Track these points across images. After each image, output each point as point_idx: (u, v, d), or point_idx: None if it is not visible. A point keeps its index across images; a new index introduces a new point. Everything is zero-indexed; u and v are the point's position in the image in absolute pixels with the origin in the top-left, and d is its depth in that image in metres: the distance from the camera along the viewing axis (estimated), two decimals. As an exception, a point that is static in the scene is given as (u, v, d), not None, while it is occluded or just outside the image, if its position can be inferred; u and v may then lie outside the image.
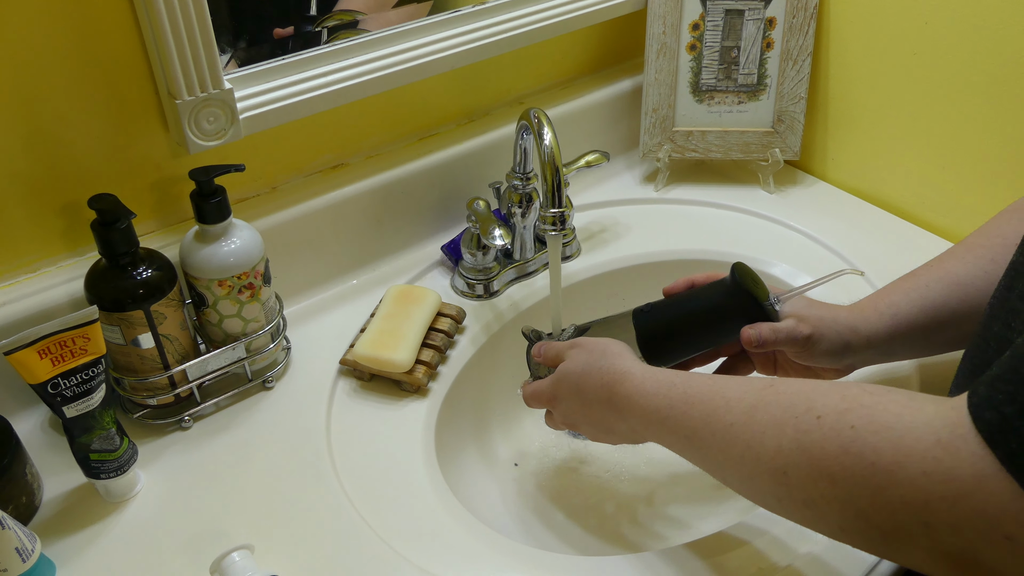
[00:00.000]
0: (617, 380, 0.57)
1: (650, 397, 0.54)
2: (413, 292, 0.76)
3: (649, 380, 0.55)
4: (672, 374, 0.55)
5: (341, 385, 0.73)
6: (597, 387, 0.58)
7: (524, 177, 0.80)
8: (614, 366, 0.58)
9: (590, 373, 0.59)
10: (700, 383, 0.52)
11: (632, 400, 0.56)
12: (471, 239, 0.80)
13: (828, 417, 0.42)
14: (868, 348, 0.60)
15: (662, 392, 0.54)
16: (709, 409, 0.50)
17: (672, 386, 0.53)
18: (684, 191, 0.98)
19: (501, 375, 0.82)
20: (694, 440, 0.51)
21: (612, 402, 0.57)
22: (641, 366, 0.57)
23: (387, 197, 0.82)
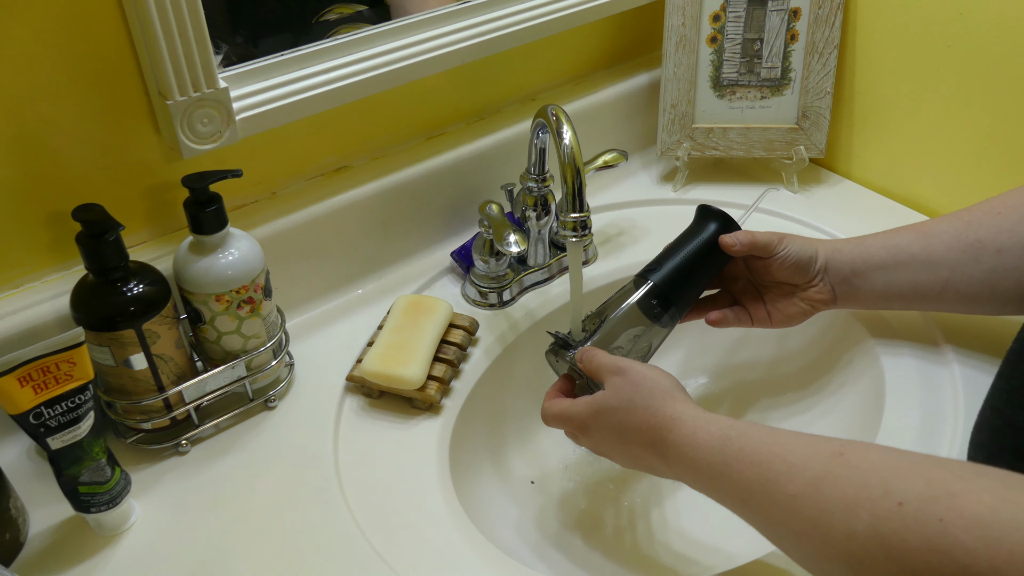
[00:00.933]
0: (665, 425, 0.52)
1: (702, 450, 0.50)
2: (423, 303, 0.72)
3: (701, 431, 0.51)
4: (726, 424, 0.51)
5: (348, 403, 0.68)
6: (642, 429, 0.54)
7: (540, 179, 0.76)
8: (664, 409, 0.53)
9: (634, 412, 0.54)
10: (758, 439, 0.48)
11: (681, 450, 0.51)
12: (483, 245, 0.76)
13: (911, 504, 0.38)
14: (833, 264, 0.66)
15: (716, 446, 0.49)
16: (769, 474, 0.45)
17: (727, 440, 0.49)
18: (704, 191, 0.93)
19: (516, 388, 0.77)
20: (750, 504, 0.47)
21: (658, 448, 0.53)
22: (692, 411, 0.53)
23: (393, 201, 0.77)
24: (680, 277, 0.66)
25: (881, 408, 0.69)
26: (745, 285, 0.71)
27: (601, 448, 0.59)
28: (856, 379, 0.76)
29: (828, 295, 0.68)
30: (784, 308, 0.69)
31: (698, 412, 0.53)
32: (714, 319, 0.69)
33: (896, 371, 0.71)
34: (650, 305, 0.65)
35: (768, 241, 0.65)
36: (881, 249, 0.66)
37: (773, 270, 0.67)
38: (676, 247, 0.68)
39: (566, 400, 0.61)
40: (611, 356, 0.60)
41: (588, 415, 0.58)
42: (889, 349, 0.73)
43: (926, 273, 0.65)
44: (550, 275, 0.81)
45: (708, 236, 0.67)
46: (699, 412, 0.53)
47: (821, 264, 0.67)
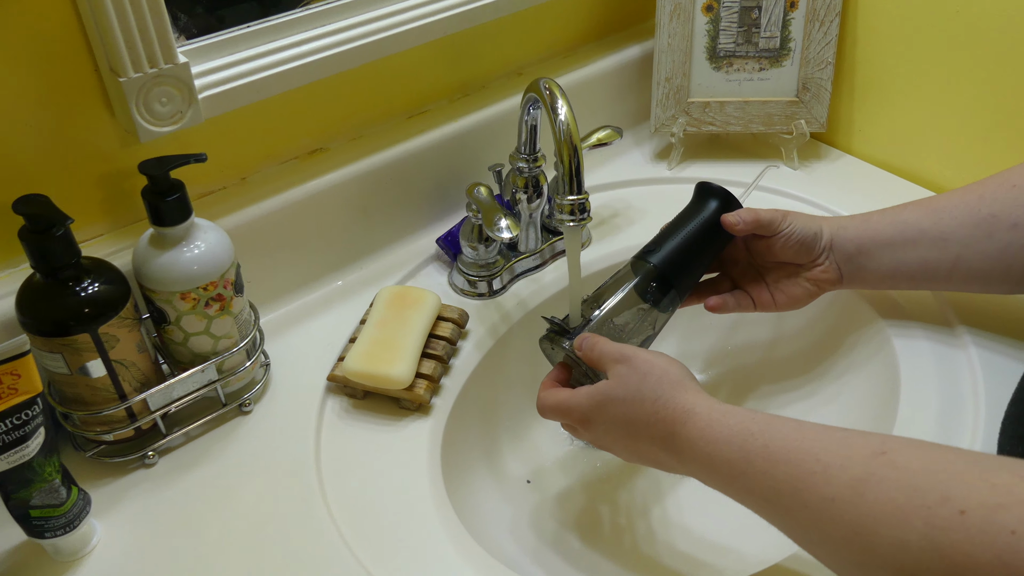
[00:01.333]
0: (678, 418, 0.48)
1: (720, 446, 0.46)
2: (409, 294, 0.67)
3: (718, 424, 0.46)
4: (746, 417, 0.46)
5: (331, 405, 0.63)
6: (651, 422, 0.50)
7: (531, 158, 0.71)
8: (675, 400, 0.49)
9: (642, 403, 0.50)
10: (785, 434, 0.44)
11: (696, 446, 0.47)
12: (471, 230, 0.71)
13: (975, 513, 0.34)
14: (838, 242, 0.63)
15: (736, 442, 0.45)
16: (800, 473, 0.41)
17: (748, 436, 0.45)
18: (700, 169, 0.89)
19: (509, 383, 0.73)
20: (777, 506, 0.42)
21: (669, 442, 0.49)
22: (707, 401, 0.49)
23: (374, 185, 0.72)
24: (680, 258, 0.62)
25: (895, 394, 0.65)
26: (745, 267, 0.67)
27: (604, 442, 0.55)
28: (864, 363, 0.73)
29: (834, 275, 0.64)
30: (788, 290, 0.65)
31: (713, 403, 0.49)
32: (714, 304, 0.66)
33: (910, 354, 0.67)
34: (649, 288, 0.61)
35: (771, 218, 0.62)
36: (888, 225, 0.63)
37: (776, 250, 0.63)
38: (675, 227, 0.64)
39: (564, 390, 0.57)
40: (614, 343, 0.55)
41: (590, 407, 0.54)
42: (901, 331, 0.70)
43: (936, 250, 0.62)
44: (542, 261, 0.77)
45: (709, 215, 0.63)
46: (714, 403, 0.49)
47: (826, 242, 0.64)
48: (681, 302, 0.64)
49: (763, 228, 0.63)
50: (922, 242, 0.62)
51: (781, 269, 0.66)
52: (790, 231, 0.63)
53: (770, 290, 0.66)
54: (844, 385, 0.74)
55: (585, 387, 0.55)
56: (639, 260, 0.63)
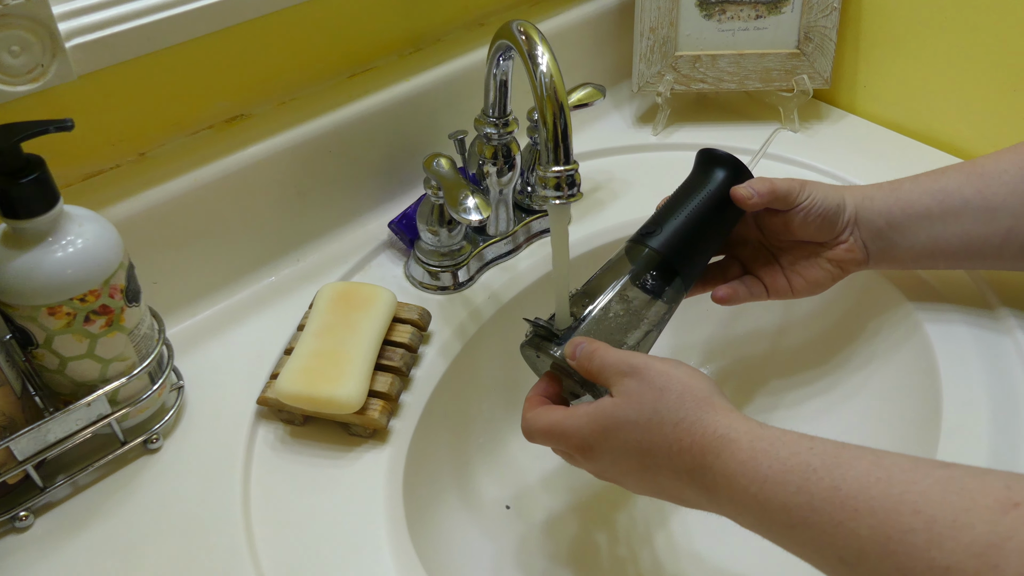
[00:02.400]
0: (710, 447, 0.38)
1: (771, 486, 0.35)
2: (357, 292, 0.54)
3: (765, 455, 0.36)
4: (800, 443, 0.36)
5: (262, 435, 0.51)
6: (673, 451, 0.39)
7: (501, 122, 0.58)
8: (703, 423, 0.39)
9: (660, 427, 0.40)
10: (860, 469, 0.34)
11: (736, 484, 0.37)
12: (431, 211, 0.59)
13: None
14: (864, 215, 0.54)
15: (793, 481, 0.35)
16: (893, 530, 0.31)
17: (809, 472, 0.34)
18: (690, 133, 0.78)
19: (482, 392, 0.61)
20: (861, 568, 0.32)
21: (698, 477, 0.38)
22: (745, 424, 0.38)
23: (308, 159, 0.59)
24: (685, 240, 0.52)
25: (935, 388, 0.56)
26: (756, 248, 0.57)
27: (610, 474, 0.45)
28: (891, 352, 0.63)
29: (859, 253, 0.55)
30: (807, 273, 0.55)
31: (753, 426, 0.39)
32: (723, 295, 0.55)
33: (947, 341, 0.58)
34: (650, 278, 0.50)
35: (789, 189, 0.53)
36: (924, 195, 0.55)
37: (794, 226, 0.54)
38: (677, 203, 0.54)
39: (558, 410, 0.45)
40: (617, 350, 0.45)
41: (592, 432, 0.43)
42: (933, 314, 0.60)
43: (982, 223, 0.53)
44: (515, 246, 0.65)
45: (716, 187, 0.53)
46: (754, 426, 0.39)
47: (850, 215, 0.55)
48: (687, 292, 0.53)
49: (779, 201, 0.53)
50: (965, 213, 0.53)
51: (798, 249, 0.56)
52: (810, 204, 0.53)
53: (785, 274, 0.56)
54: (868, 377, 0.64)
55: (584, 406, 0.44)
56: (636, 244, 0.52)
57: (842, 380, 0.66)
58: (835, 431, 0.64)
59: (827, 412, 0.65)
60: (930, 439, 0.53)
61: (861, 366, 0.65)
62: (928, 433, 0.54)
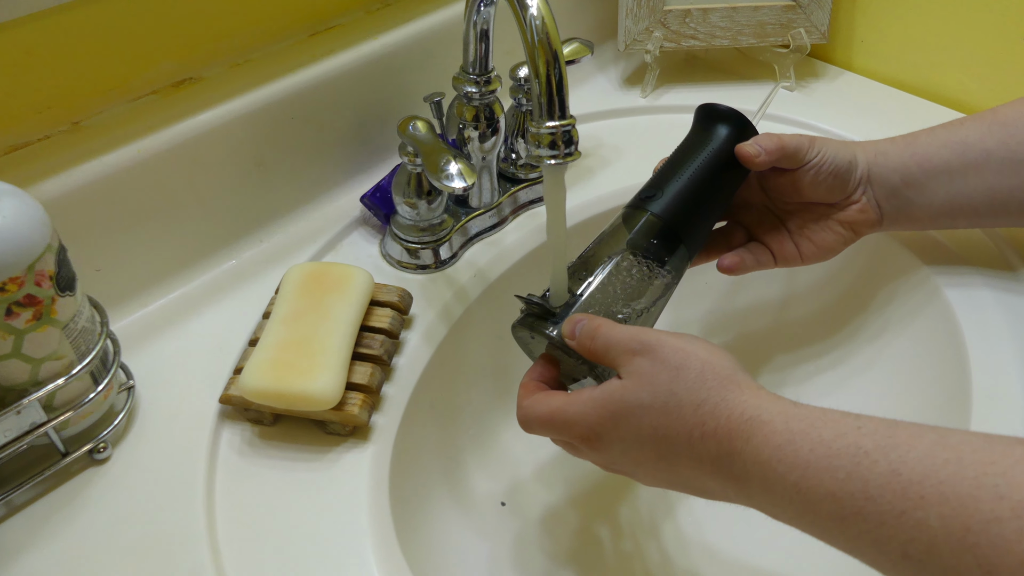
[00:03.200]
0: (738, 431, 0.33)
1: (815, 472, 0.31)
2: (329, 273, 0.48)
3: (805, 437, 0.32)
4: (846, 421, 0.32)
5: (227, 438, 0.45)
6: (694, 437, 0.35)
7: (483, 80, 0.53)
8: (729, 404, 0.34)
9: (679, 410, 0.35)
10: (923, 448, 0.29)
11: (771, 471, 0.32)
12: (408, 181, 0.53)
13: None
14: (878, 172, 0.50)
15: (843, 466, 0.30)
16: (972, 518, 0.27)
17: (861, 456, 0.30)
18: (680, 95, 0.73)
19: (471, 379, 0.56)
20: (931, 567, 0.27)
21: (725, 466, 0.34)
22: (778, 404, 0.34)
23: (269, 127, 0.53)
24: (688, 204, 0.48)
25: (961, 358, 0.52)
26: (761, 212, 0.53)
27: (620, 466, 0.40)
28: (908, 320, 0.59)
29: (873, 214, 0.51)
30: (816, 237, 0.51)
31: (787, 405, 0.34)
32: (729, 264, 0.51)
33: (970, 308, 0.54)
34: (651, 246, 0.45)
35: (798, 145, 0.49)
36: (942, 147, 0.51)
37: (803, 186, 0.50)
38: (677, 164, 0.49)
39: (558, 395, 0.40)
40: (624, 327, 0.39)
41: (600, 419, 0.38)
42: (952, 278, 0.56)
43: (1007, 175, 0.50)
44: (501, 219, 0.59)
45: (719, 145, 0.49)
46: (788, 405, 0.34)
47: (862, 173, 0.51)
48: (691, 261, 0.49)
49: (788, 159, 0.49)
50: (988, 166, 0.50)
51: (806, 212, 0.52)
52: (820, 161, 0.49)
53: (793, 239, 0.52)
54: (883, 348, 0.60)
55: (587, 390, 0.39)
56: (635, 210, 0.47)
57: (853, 352, 0.62)
58: (850, 407, 0.61)
59: (839, 387, 0.61)
60: (960, 412, 0.49)
61: (874, 337, 0.61)
62: (957, 406, 0.50)
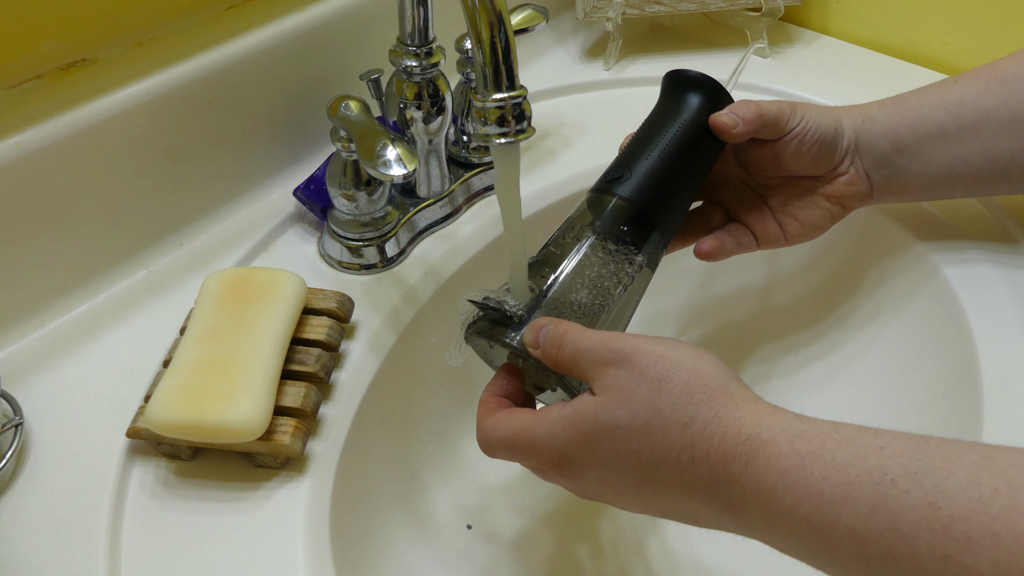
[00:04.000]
0: (735, 454, 0.28)
1: (832, 505, 0.26)
2: (252, 280, 0.42)
3: (816, 460, 0.27)
4: (858, 437, 0.27)
5: (137, 478, 0.39)
6: (683, 461, 0.29)
7: (424, 52, 0.46)
8: (722, 421, 0.29)
9: (664, 431, 0.30)
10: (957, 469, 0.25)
11: (776, 501, 0.27)
12: (343, 170, 0.47)
13: None
14: (865, 139, 0.45)
15: (865, 497, 0.25)
16: None
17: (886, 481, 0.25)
18: (646, 66, 0.67)
19: (426, 390, 0.50)
20: None
21: (719, 492, 0.29)
22: (781, 418, 0.29)
23: (181, 114, 0.46)
24: (660, 184, 0.42)
25: (966, 341, 0.47)
26: (739, 189, 0.48)
27: (596, 493, 0.34)
28: (903, 302, 0.54)
29: (862, 186, 0.47)
30: (801, 214, 0.47)
31: (791, 420, 0.29)
32: (708, 249, 0.46)
33: (971, 286, 0.49)
34: (621, 233, 0.40)
35: (779, 113, 0.44)
36: (936, 109, 0.46)
37: (785, 158, 0.45)
38: (645, 139, 0.44)
39: (522, 414, 0.35)
40: (593, 332, 0.34)
41: (571, 442, 0.32)
42: (949, 254, 0.52)
43: (1009, 137, 0.45)
44: (453, 209, 0.53)
45: (692, 116, 0.44)
46: (792, 420, 0.29)
47: (849, 140, 0.46)
48: (667, 248, 0.43)
49: (768, 128, 0.44)
50: (987, 128, 0.45)
51: (789, 186, 0.47)
52: (803, 129, 0.44)
53: (776, 217, 0.47)
54: (876, 334, 0.55)
55: (557, 406, 0.33)
56: (601, 194, 0.42)
57: (844, 339, 0.57)
58: (844, 399, 0.56)
59: (831, 378, 0.56)
60: (970, 402, 0.44)
61: (866, 321, 0.56)
62: (966, 395, 0.45)
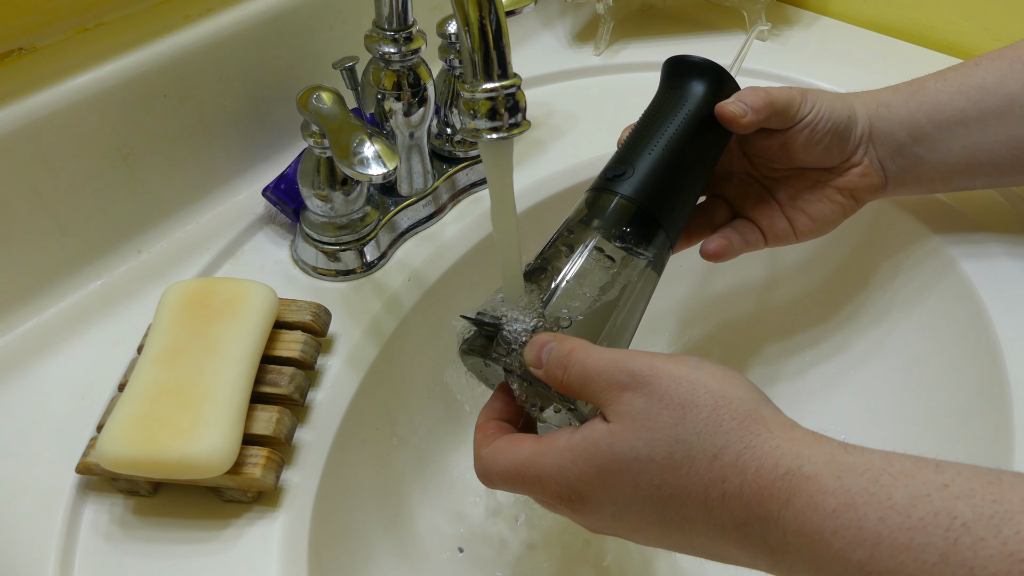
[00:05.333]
0: (773, 491, 0.25)
1: (891, 552, 0.23)
2: (216, 292, 0.38)
3: (868, 499, 0.24)
4: (917, 471, 0.24)
5: (90, 518, 0.34)
6: (712, 499, 0.27)
7: (404, 37, 0.42)
8: (756, 453, 0.26)
9: (691, 465, 0.27)
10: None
11: (822, 545, 0.24)
12: (316, 169, 0.43)
13: None
14: (880, 127, 0.42)
15: (931, 544, 0.23)
16: None
17: (955, 524, 0.22)
18: (639, 50, 0.64)
19: (412, 407, 0.47)
20: None
21: (755, 533, 0.26)
22: (822, 447, 0.26)
23: (134, 108, 0.42)
24: (664, 181, 0.39)
25: (990, 343, 0.44)
26: (744, 183, 0.45)
27: (613, 529, 0.31)
28: (917, 299, 0.51)
29: (876, 177, 0.44)
30: (812, 208, 0.44)
31: (834, 450, 0.26)
32: (715, 249, 0.42)
33: (992, 281, 0.46)
34: (624, 235, 0.36)
35: (788, 100, 0.40)
36: (956, 94, 0.43)
37: (795, 149, 0.42)
38: (646, 132, 0.40)
39: (525, 441, 0.31)
40: (603, 350, 0.31)
41: (582, 475, 0.29)
42: (967, 248, 0.49)
43: None
44: (437, 207, 0.49)
45: (696, 106, 0.40)
46: (836, 449, 0.26)
47: (863, 129, 0.43)
48: (673, 249, 0.40)
49: (778, 117, 0.40)
50: (1011, 113, 0.43)
51: (798, 179, 0.44)
52: (815, 117, 0.41)
53: (785, 213, 0.44)
54: (887, 334, 0.52)
55: (565, 433, 0.30)
56: (601, 192, 0.38)
57: (853, 339, 0.54)
58: (855, 403, 0.53)
59: (841, 380, 0.53)
60: (996, 408, 0.41)
61: (876, 320, 0.53)
62: (992, 401, 0.42)
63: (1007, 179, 0.45)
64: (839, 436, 0.26)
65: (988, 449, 0.41)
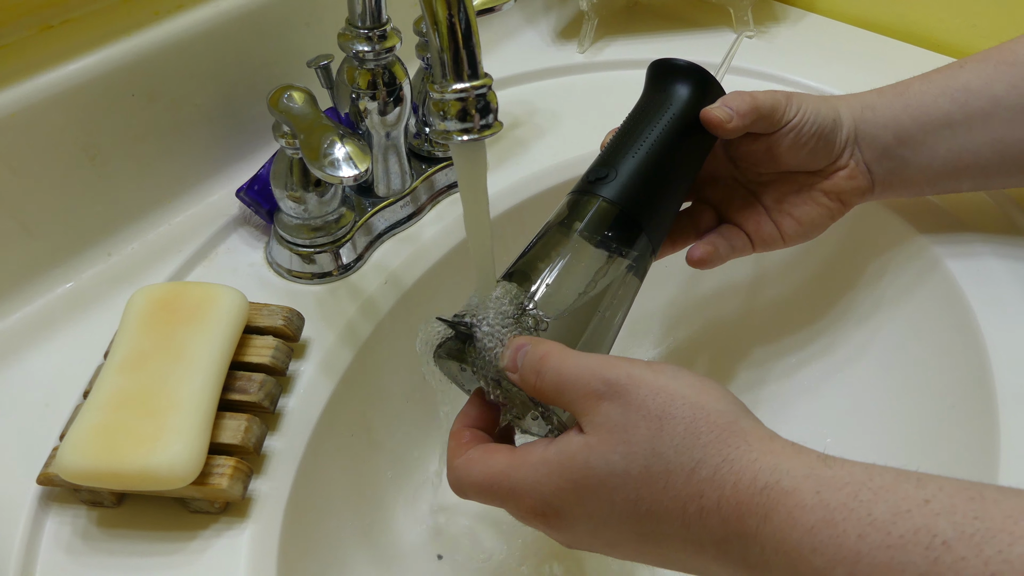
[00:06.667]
0: (751, 506, 0.25)
1: (871, 570, 0.22)
2: (184, 297, 0.37)
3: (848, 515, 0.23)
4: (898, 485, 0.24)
5: (52, 530, 0.34)
6: (689, 514, 0.26)
7: (378, 34, 0.41)
8: (735, 466, 0.26)
9: (667, 479, 0.26)
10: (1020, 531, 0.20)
11: (802, 562, 0.24)
12: (289, 170, 0.42)
13: None
14: (865, 130, 0.42)
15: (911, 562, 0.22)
16: None
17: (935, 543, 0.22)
18: (624, 48, 0.63)
19: (389, 412, 0.46)
20: None
21: (733, 549, 0.25)
22: (801, 460, 0.25)
23: (101, 107, 0.41)
24: (647, 185, 0.38)
25: (974, 341, 0.44)
26: (730, 187, 0.44)
27: (588, 544, 0.31)
28: (902, 299, 0.51)
29: (862, 180, 0.43)
30: (798, 212, 0.43)
31: (814, 464, 0.25)
32: (701, 255, 0.42)
33: (977, 281, 0.46)
34: (607, 239, 0.36)
35: (774, 104, 0.40)
36: (941, 96, 0.43)
37: (780, 152, 0.41)
38: (630, 135, 0.40)
39: (499, 452, 0.31)
40: (580, 355, 0.30)
41: (557, 489, 0.28)
42: (952, 247, 0.48)
43: (1022, 126, 0.42)
44: (416, 208, 0.48)
45: (680, 110, 0.40)
46: (815, 463, 0.25)
47: (848, 132, 0.42)
48: (656, 254, 0.39)
49: (763, 121, 0.40)
50: (997, 116, 0.42)
51: (784, 182, 0.43)
52: (800, 121, 0.40)
53: (772, 217, 0.43)
54: (873, 335, 0.52)
55: (540, 445, 0.29)
56: (583, 195, 0.38)
57: (839, 340, 0.53)
58: (842, 404, 0.52)
59: (828, 381, 0.52)
60: (982, 407, 0.41)
61: (861, 320, 0.53)
62: (976, 399, 0.42)
63: (993, 181, 0.44)
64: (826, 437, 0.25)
65: (974, 448, 0.40)
